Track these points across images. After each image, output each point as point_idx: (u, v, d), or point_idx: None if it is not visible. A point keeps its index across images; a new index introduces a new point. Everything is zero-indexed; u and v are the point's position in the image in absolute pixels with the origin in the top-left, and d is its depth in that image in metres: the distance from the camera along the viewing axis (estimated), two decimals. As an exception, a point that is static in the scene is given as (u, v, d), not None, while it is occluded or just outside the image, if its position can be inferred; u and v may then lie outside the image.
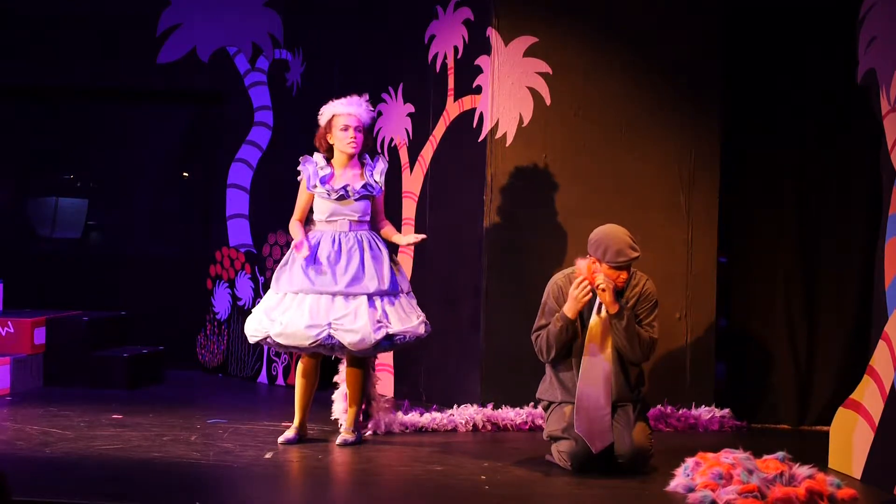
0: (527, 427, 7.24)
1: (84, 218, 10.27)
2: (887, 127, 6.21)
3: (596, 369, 5.99)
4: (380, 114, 8.48)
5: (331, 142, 6.72)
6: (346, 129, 6.67)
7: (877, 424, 5.98)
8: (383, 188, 6.73)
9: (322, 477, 5.95)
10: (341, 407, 6.87)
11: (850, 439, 6.17)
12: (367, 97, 6.83)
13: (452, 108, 7.86)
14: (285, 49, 9.45)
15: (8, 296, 8.89)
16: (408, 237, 6.75)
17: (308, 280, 6.54)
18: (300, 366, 6.67)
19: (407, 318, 6.60)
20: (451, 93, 7.87)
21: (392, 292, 6.61)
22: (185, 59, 9.55)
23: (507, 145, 7.52)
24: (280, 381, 8.75)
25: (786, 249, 7.77)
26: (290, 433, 6.63)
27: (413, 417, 7.14)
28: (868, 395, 6.11)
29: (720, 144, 7.72)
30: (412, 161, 8.21)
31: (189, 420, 7.07)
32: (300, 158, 6.80)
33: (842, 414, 6.32)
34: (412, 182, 8.20)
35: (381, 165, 6.73)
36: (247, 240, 9.47)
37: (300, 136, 9.36)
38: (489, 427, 7.22)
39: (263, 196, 9.50)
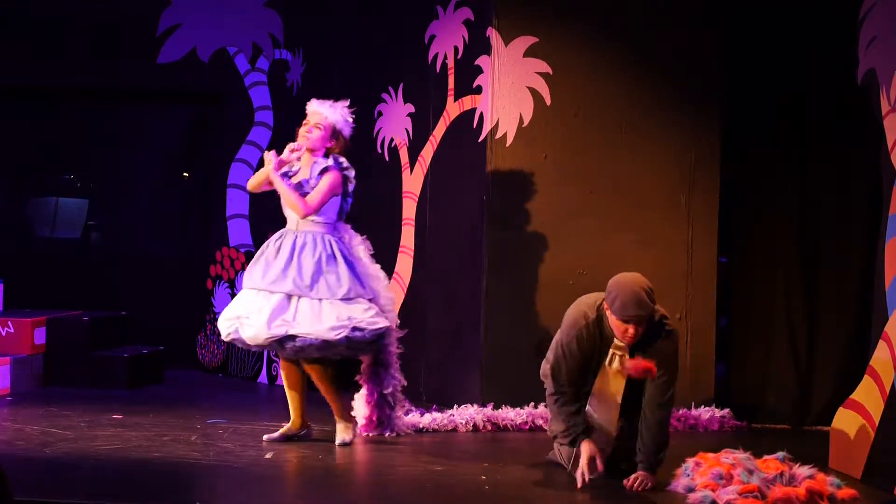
0: (527, 427, 7.24)
1: (84, 218, 10.27)
2: (887, 127, 6.21)
3: (609, 414, 5.85)
4: (380, 114, 8.49)
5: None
6: (306, 124, 6.70)
7: (877, 424, 5.98)
8: (312, 181, 6.61)
9: (322, 477, 5.95)
10: (361, 408, 6.88)
11: (851, 439, 6.17)
12: (346, 103, 6.82)
13: (452, 108, 7.86)
14: (285, 49, 9.45)
15: (8, 296, 8.89)
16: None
17: (248, 277, 6.60)
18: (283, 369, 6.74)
19: (318, 322, 6.41)
20: (451, 93, 7.87)
21: (324, 297, 6.46)
22: (185, 60, 9.55)
23: (507, 145, 7.52)
24: (280, 381, 8.75)
25: (786, 249, 7.77)
26: (275, 433, 6.65)
27: (413, 418, 7.14)
28: (868, 395, 6.11)
29: (720, 144, 7.72)
30: (412, 161, 8.20)
31: (189, 420, 7.07)
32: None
33: (842, 414, 6.32)
34: (412, 182, 8.20)
35: (326, 163, 6.62)
36: (247, 240, 9.47)
37: (300, 136, 9.38)
38: (489, 427, 7.22)
39: (264, 196, 9.49)
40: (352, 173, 6.74)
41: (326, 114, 6.72)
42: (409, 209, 8.22)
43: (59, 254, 10.11)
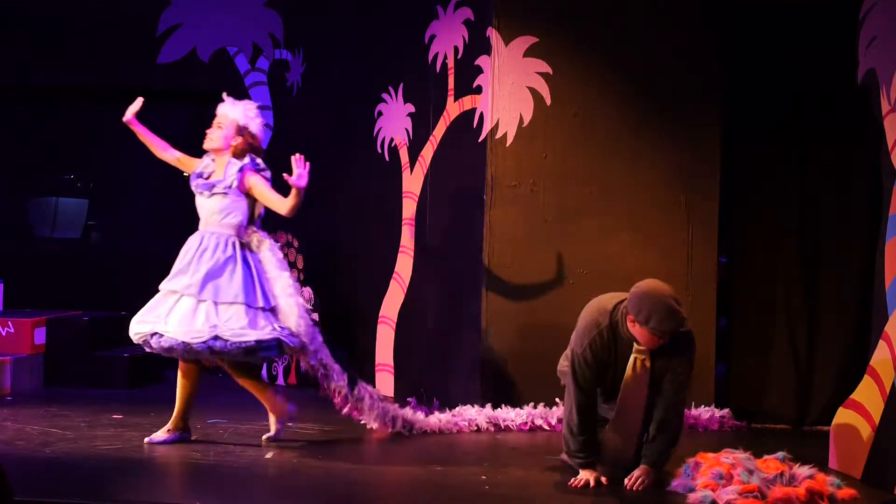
0: (527, 427, 7.23)
1: (84, 218, 10.27)
2: (887, 127, 6.21)
3: (632, 415, 5.79)
4: (380, 114, 8.49)
5: None
6: (210, 126, 6.66)
7: (877, 424, 5.98)
8: (233, 185, 6.54)
9: (321, 477, 5.95)
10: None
11: (851, 439, 6.17)
12: (255, 105, 6.77)
13: (453, 108, 7.86)
14: (286, 49, 9.45)
15: (8, 296, 8.89)
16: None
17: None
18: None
19: (187, 324, 6.34)
20: (451, 93, 7.87)
21: (205, 299, 6.39)
22: (185, 60, 9.55)
23: (507, 145, 7.52)
24: (280, 380, 8.75)
25: (786, 249, 7.77)
26: (159, 433, 6.56)
27: (416, 418, 7.11)
28: (868, 395, 6.11)
29: (720, 144, 7.72)
30: (412, 161, 8.21)
31: (189, 420, 7.06)
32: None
33: (842, 414, 6.32)
34: (412, 182, 8.20)
35: (236, 168, 6.56)
36: (247, 240, 9.47)
37: (301, 136, 9.37)
38: (491, 428, 7.21)
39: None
40: (268, 174, 6.68)
41: (227, 112, 6.65)
42: (409, 209, 8.22)
43: (59, 254, 10.10)
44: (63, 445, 6.39)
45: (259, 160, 6.69)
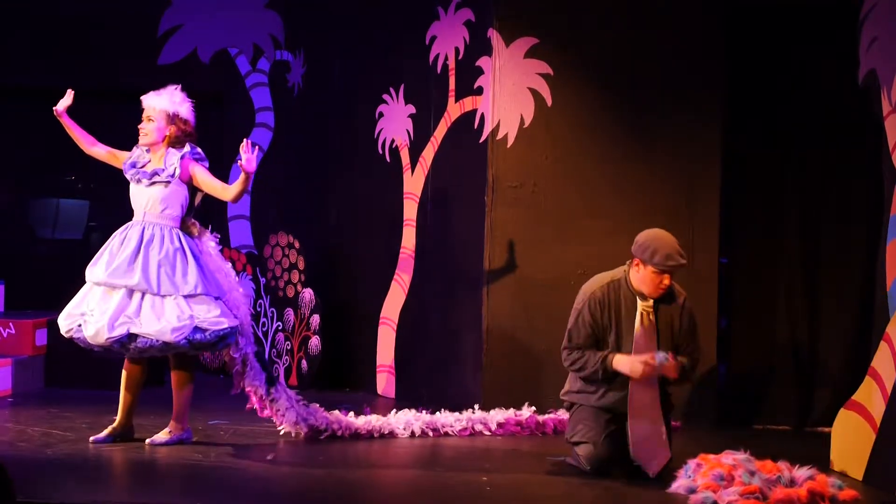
0: (467, 433, 7.06)
1: (85, 219, 10.27)
2: (888, 128, 6.21)
3: (646, 394, 5.89)
4: (381, 115, 8.49)
5: None
6: (142, 119, 6.58)
7: (878, 425, 5.97)
8: (176, 174, 6.46)
9: (323, 478, 5.95)
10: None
11: (852, 440, 6.16)
12: (178, 87, 6.65)
13: (454, 109, 7.86)
14: (286, 50, 9.45)
15: (10, 297, 8.89)
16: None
17: (90, 271, 6.47)
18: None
19: (159, 322, 6.26)
20: (452, 94, 7.87)
21: (168, 294, 6.32)
22: (186, 60, 9.55)
23: (508, 146, 7.52)
24: (282, 381, 8.74)
25: (787, 250, 7.77)
26: (101, 434, 6.54)
27: (341, 422, 6.93)
28: (869, 396, 6.10)
29: (721, 145, 7.72)
30: (413, 162, 8.21)
31: (190, 421, 7.05)
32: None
33: (843, 415, 6.32)
34: (413, 183, 8.20)
35: (178, 156, 6.48)
36: (248, 241, 9.48)
37: (301, 137, 9.38)
38: (428, 433, 7.06)
39: (265, 197, 9.51)
40: (206, 164, 6.60)
41: (153, 104, 6.55)
42: (410, 210, 8.22)
43: (60, 255, 10.10)
44: (64, 447, 6.39)
45: (198, 149, 6.61)
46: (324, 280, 8.83)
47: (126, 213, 10.29)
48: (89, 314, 6.36)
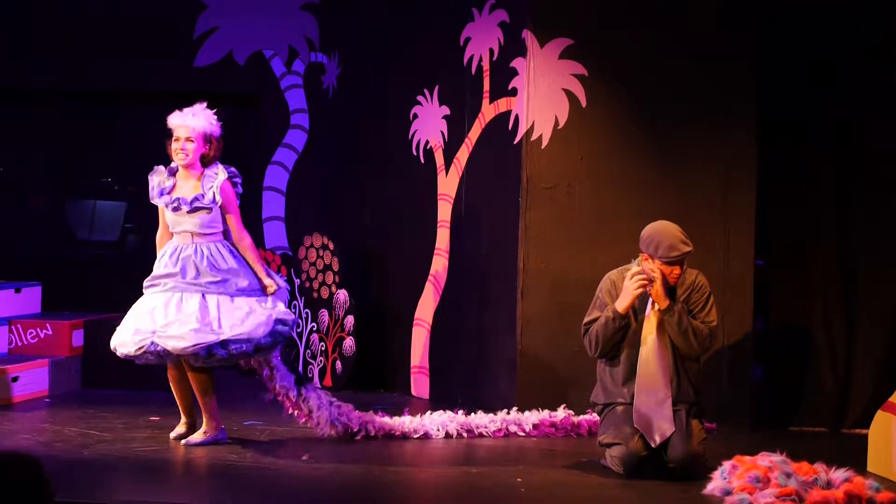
0: (501, 434, 7.07)
1: (122, 221, 10.32)
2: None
3: (652, 363, 5.93)
4: (415, 116, 8.49)
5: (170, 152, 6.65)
6: (177, 140, 6.57)
7: (916, 427, 5.94)
8: (217, 200, 6.52)
9: (359, 478, 5.95)
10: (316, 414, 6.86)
11: (890, 442, 6.12)
12: (204, 104, 6.66)
13: (488, 110, 7.85)
14: (321, 52, 9.48)
15: (47, 299, 8.95)
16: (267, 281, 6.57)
17: (149, 286, 6.52)
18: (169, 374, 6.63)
19: (240, 324, 6.36)
20: (486, 95, 7.87)
21: (231, 293, 6.45)
22: (221, 63, 9.59)
23: (542, 147, 7.51)
24: (316, 382, 8.77)
25: (823, 251, 7.72)
26: (180, 428, 6.63)
27: (374, 422, 6.94)
28: (907, 397, 6.07)
29: (757, 145, 7.67)
30: (448, 163, 8.21)
31: (226, 422, 7.07)
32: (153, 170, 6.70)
33: (881, 417, 6.28)
34: (448, 184, 8.20)
35: (221, 177, 6.55)
36: (283, 242, 9.50)
37: (336, 138, 9.40)
38: (463, 434, 7.05)
39: (299, 199, 9.53)
40: (239, 180, 6.69)
41: (192, 124, 6.57)
42: (444, 211, 8.23)
43: (97, 256, 10.16)
44: (101, 447, 6.42)
45: (233, 169, 6.67)
46: (358, 281, 8.84)
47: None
48: (162, 326, 6.35)
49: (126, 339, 6.43)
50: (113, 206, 10.40)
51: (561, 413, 7.20)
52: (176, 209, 6.56)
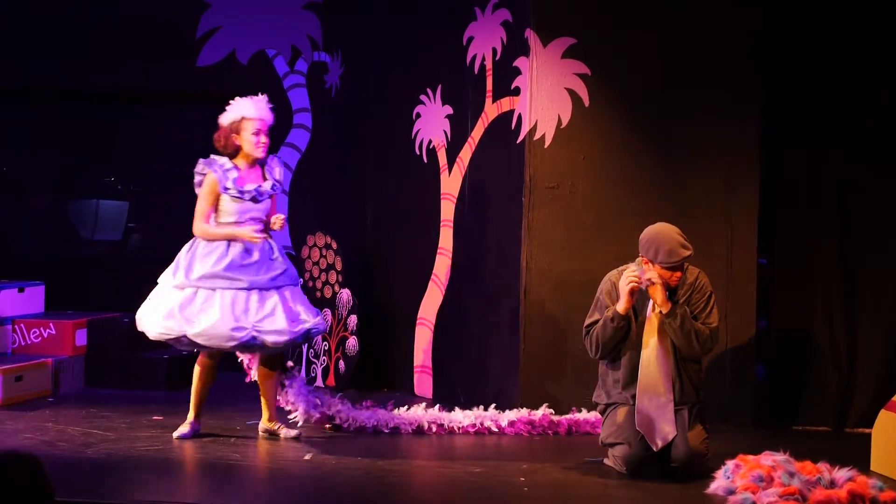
0: (473, 430, 7.10)
1: (125, 220, 10.33)
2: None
3: (654, 366, 5.93)
4: (418, 116, 8.49)
5: (238, 143, 6.66)
6: (257, 133, 6.64)
7: (919, 427, 5.93)
8: (277, 185, 6.81)
9: (361, 476, 5.96)
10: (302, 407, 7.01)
11: (893, 441, 6.12)
12: (266, 97, 6.85)
13: (491, 110, 7.85)
14: (324, 51, 9.48)
15: (50, 298, 8.96)
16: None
17: (225, 278, 6.55)
18: (200, 365, 6.73)
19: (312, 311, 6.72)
20: (489, 94, 7.87)
21: (293, 284, 6.71)
22: (224, 62, 9.59)
23: (545, 146, 7.51)
24: (319, 382, 8.77)
25: (826, 250, 7.72)
26: (184, 428, 6.68)
27: (350, 414, 7.05)
28: (910, 397, 6.07)
29: (759, 145, 7.67)
30: (450, 163, 8.21)
31: (229, 421, 7.10)
32: (202, 161, 6.75)
33: (884, 416, 6.27)
34: (450, 184, 8.20)
35: (279, 167, 6.81)
36: (286, 241, 9.50)
37: (339, 138, 9.40)
38: (435, 429, 7.09)
39: (302, 198, 9.53)
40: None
41: (266, 117, 6.73)
42: (447, 211, 8.23)
43: (100, 256, 10.16)
44: (104, 446, 6.43)
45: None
46: (361, 280, 8.84)
47: (165, 215, 10.37)
48: (197, 321, 6.46)
49: (223, 332, 6.47)
50: (116, 206, 10.40)
51: (540, 411, 7.20)
52: (254, 199, 6.66)
